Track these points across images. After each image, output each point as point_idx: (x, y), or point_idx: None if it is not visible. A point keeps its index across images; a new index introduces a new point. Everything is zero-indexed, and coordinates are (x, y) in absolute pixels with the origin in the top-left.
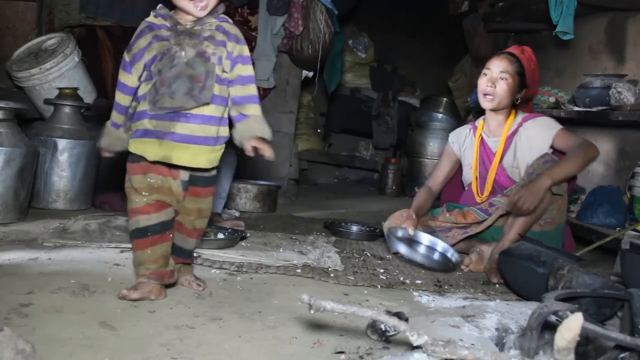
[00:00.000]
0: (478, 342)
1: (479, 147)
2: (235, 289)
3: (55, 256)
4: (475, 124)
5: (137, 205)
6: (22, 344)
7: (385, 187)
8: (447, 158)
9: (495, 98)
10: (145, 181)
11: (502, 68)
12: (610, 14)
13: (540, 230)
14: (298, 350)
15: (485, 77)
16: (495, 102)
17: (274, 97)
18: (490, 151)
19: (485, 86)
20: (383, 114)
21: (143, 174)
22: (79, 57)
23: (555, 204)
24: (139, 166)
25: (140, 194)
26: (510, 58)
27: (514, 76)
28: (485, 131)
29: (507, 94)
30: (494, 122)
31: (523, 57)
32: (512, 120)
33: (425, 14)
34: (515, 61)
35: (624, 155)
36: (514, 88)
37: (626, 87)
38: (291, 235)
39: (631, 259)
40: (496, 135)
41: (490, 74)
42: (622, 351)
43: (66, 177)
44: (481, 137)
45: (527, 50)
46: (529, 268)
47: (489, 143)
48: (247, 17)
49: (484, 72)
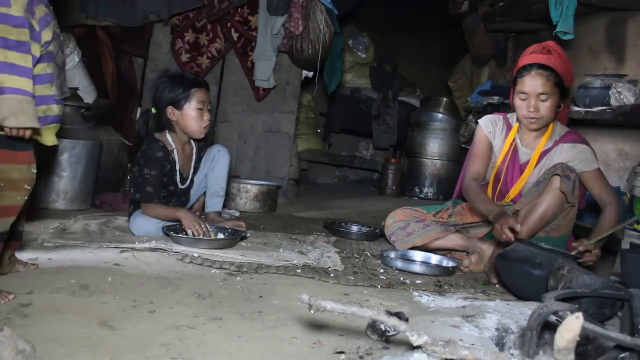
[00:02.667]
0: (478, 342)
1: (508, 151)
2: (235, 289)
3: (55, 256)
4: (510, 121)
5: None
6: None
7: (385, 187)
8: (484, 145)
9: (540, 120)
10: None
11: (540, 90)
12: (610, 14)
13: (546, 235)
14: (298, 350)
15: (524, 103)
16: (541, 124)
17: (274, 97)
18: (518, 161)
19: (527, 112)
20: (383, 114)
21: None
22: (79, 57)
23: (565, 213)
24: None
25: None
26: (543, 73)
27: (554, 91)
28: (520, 137)
29: (551, 112)
30: (531, 135)
31: (555, 61)
32: (550, 134)
33: (425, 14)
34: (550, 73)
35: (624, 155)
36: (557, 103)
37: (626, 87)
38: (291, 235)
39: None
40: (530, 147)
41: (528, 98)
42: (622, 351)
43: (66, 177)
44: (514, 141)
45: (553, 48)
46: (525, 271)
47: (520, 152)
48: (247, 17)
49: (520, 96)
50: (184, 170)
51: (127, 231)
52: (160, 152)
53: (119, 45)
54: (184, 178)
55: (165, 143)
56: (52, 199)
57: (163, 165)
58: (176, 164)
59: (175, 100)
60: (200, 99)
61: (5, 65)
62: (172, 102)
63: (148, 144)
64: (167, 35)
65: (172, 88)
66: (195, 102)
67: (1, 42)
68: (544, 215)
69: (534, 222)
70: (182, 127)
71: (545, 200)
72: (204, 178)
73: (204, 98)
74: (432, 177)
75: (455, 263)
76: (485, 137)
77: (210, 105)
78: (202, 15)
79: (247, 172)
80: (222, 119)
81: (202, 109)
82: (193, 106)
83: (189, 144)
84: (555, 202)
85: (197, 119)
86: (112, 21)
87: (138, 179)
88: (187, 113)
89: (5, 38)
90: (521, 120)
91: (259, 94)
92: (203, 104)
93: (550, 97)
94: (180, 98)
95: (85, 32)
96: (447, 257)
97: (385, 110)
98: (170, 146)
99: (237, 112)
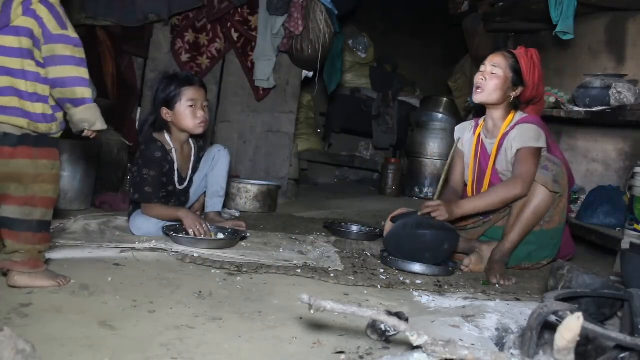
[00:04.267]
0: (478, 342)
1: (476, 147)
2: (235, 289)
3: (55, 256)
4: (478, 121)
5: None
6: (22, 344)
7: (385, 187)
8: (457, 156)
9: (484, 91)
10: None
11: (494, 62)
12: (610, 14)
13: (540, 229)
14: (298, 350)
15: (479, 73)
16: (484, 96)
17: (274, 97)
18: (486, 153)
19: (477, 79)
20: (383, 114)
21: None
22: None
23: (555, 204)
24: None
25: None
26: (505, 54)
27: (505, 71)
28: (484, 131)
29: (496, 88)
30: (491, 121)
31: (522, 55)
32: (509, 122)
33: (425, 14)
34: (511, 57)
35: (624, 155)
36: (505, 83)
37: (626, 87)
38: (291, 235)
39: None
40: (493, 137)
41: (484, 68)
42: (622, 351)
43: (66, 177)
44: (479, 136)
45: (531, 51)
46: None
47: (485, 144)
48: (247, 17)
49: (480, 68)
50: (182, 170)
51: (127, 231)
52: (159, 152)
53: (119, 45)
54: (183, 178)
55: (163, 143)
56: None
57: (162, 165)
58: (175, 164)
59: (167, 100)
60: (190, 96)
61: (81, 80)
62: (165, 103)
63: (147, 144)
64: (167, 35)
65: (165, 89)
66: (185, 100)
67: (72, 60)
68: (536, 211)
69: (527, 219)
70: (177, 126)
71: (535, 196)
72: (204, 178)
73: (195, 95)
74: (432, 177)
75: (455, 263)
76: (455, 145)
77: (207, 103)
78: (202, 15)
79: (247, 172)
80: (222, 119)
81: (194, 107)
82: (184, 104)
83: (188, 144)
84: (544, 197)
85: (190, 117)
86: (112, 21)
87: (137, 179)
88: (180, 112)
89: (73, 57)
90: (473, 94)
91: (259, 94)
92: (194, 101)
93: (500, 74)
94: (172, 97)
95: (85, 32)
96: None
97: (385, 110)
98: (169, 146)
99: (237, 112)
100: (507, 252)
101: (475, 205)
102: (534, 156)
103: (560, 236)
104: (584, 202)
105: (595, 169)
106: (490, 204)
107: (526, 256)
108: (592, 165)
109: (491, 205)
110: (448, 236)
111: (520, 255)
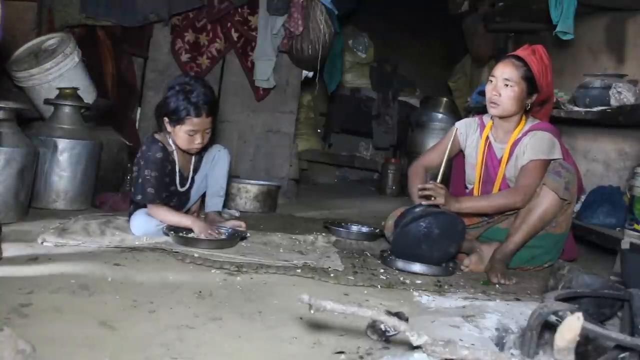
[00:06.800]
0: (478, 342)
1: (484, 149)
2: (235, 289)
3: (55, 256)
4: (484, 121)
5: None
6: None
7: (385, 187)
8: (452, 143)
9: (500, 106)
10: None
11: (506, 75)
12: (610, 14)
13: (546, 233)
14: (298, 350)
15: (490, 85)
16: (500, 110)
17: (274, 97)
18: (495, 157)
19: (490, 95)
20: (383, 114)
21: None
22: (79, 57)
23: (563, 210)
24: None
25: None
26: (515, 63)
27: (519, 83)
28: (493, 134)
29: (512, 102)
30: (502, 129)
31: (532, 59)
32: (521, 128)
33: (425, 14)
34: (522, 65)
35: (624, 155)
36: (521, 95)
37: (626, 87)
38: (291, 235)
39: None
40: (503, 142)
41: (495, 81)
42: (622, 351)
43: (66, 177)
44: (488, 139)
45: (539, 50)
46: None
47: (495, 148)
48: (247, 17)
49: (490, 78)
50: (184, 170)
51: (127, 231)
52: (160, 153)
53: (119, 45)
54: (184, 178)
55: (165, 144)
56: (52, 199)
57: (164, 165)
58: (176, 164)
59: (170, 115)
60: (192, 127)
61: None
62: (167, 115)
63: (148, 145)
64: (167, 35)
65: (174, 105)
66: (186, 127)
67: None
68: (543, 216)
69: (533, 222)
70: (173, 139)
71: (544, 201)
72: (204, 178)
73: (197, 127)
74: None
75: (455, 263)
76: (456, 136)
77: (210, 129)
78: (202, 15)
79: (247, 172)
80: (222, 119)
81: (193, 136)
82: (184, 130)
83: None
84: (553, 202)
85: (186, 142)
86: (112, 21)
87: (139, 180)
88: (178, 135)
89: None
90: (487, 105)
91: (259, 94)
92: (195, 132)
93: (515, 87)
94: (175, 119)
95: (85, 32)
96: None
97: (385, 110)
98: (170, 147)
99: (237, 112)
100: (509, 253)
101: (475, 206)
102: (542, 169)
103: (565, 240)
104: (584, 202)
105: (595, 169)
106: (488, 208)
107: (529, 259)
108: (592, 165)
109: (488, 210)
110: (437, 220)
111: (523, 257)
